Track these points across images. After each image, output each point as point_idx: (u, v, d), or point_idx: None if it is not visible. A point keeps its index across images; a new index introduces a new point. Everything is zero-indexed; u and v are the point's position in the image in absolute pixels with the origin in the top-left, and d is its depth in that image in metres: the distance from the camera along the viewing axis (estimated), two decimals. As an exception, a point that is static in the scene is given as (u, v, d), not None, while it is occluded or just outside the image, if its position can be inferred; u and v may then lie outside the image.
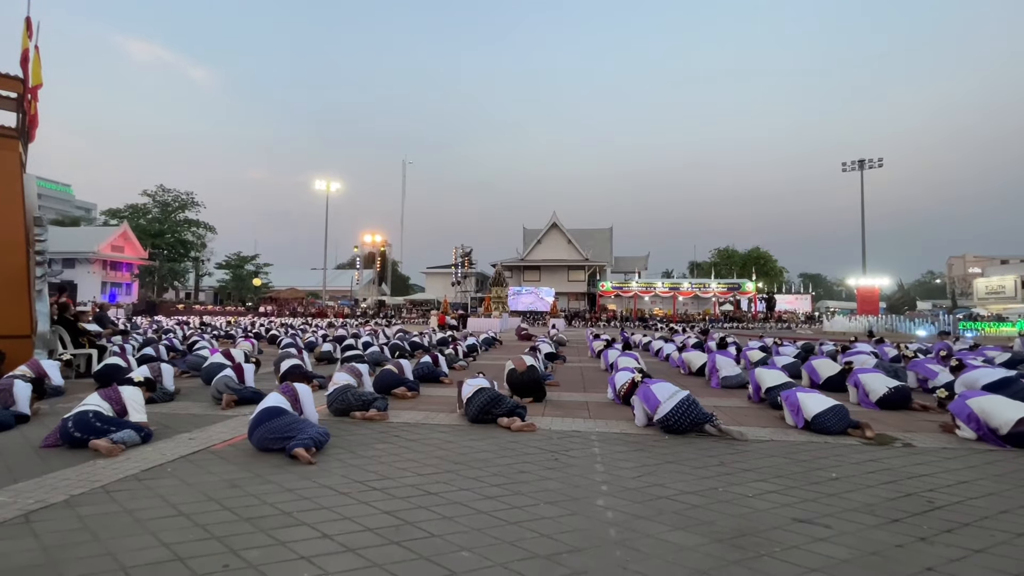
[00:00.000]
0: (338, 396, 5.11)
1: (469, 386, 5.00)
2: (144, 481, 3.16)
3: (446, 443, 4.21)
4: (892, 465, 3.73)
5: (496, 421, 4.75)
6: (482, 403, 4.75)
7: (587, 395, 6.83)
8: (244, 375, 6.01)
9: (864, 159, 45.87)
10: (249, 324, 24.50)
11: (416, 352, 12.28)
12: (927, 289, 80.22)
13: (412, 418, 5.16)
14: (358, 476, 3.31)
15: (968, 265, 72.74)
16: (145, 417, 4.27)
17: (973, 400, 4.45)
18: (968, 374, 6.03)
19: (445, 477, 3.32)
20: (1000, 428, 4.20)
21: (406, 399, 6.18)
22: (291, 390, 4.22)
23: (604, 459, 3.80)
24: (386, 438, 4.36)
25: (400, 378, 6.45)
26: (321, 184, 50.09)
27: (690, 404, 4.48)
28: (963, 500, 3.01)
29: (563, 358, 11.47)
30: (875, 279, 42.37)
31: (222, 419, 5.03)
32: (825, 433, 4.55)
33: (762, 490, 3.15)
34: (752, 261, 59.48)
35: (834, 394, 6.39)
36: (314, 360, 10.58)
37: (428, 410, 5.56)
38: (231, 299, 56.37)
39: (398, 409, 5.55)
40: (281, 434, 3.75)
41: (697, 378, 8.53)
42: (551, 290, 50.66)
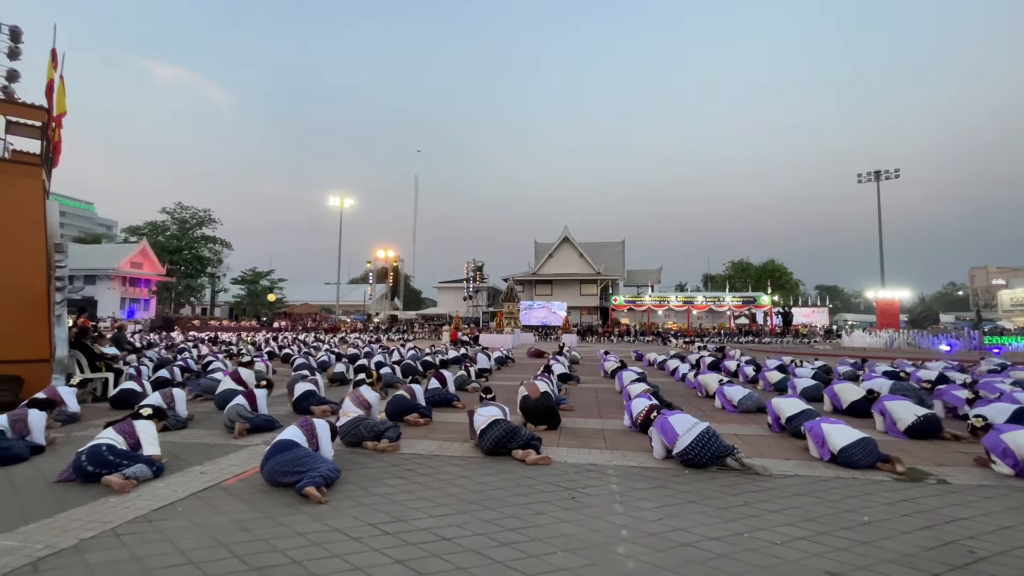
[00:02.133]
0: (350, 429, 5.05)
1: (482, 416, 4.91)
2: (154, 523, 3.11)
3: (459, 478, 4.11)
4: (927, 506, 3.55)
5: (511, 453, 4.65)
6: (497, 436, 4.65)
7: (603, 421, 6.68)
8: (256, 402, 5.99)
9: (880, 170, 45.31)
10: (264, 341, 24.68)
11: (428, 372, 12.24)
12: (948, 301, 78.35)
13: (425, 448, 5.08)
14: (370, 517, 3.23)
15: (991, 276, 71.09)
16: (158, 450, 4.25)
17: (1008, 435, 4.25)
18: (982, 408, 5.81)
19: (459, 519, 3.23)
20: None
21: (419, 426, 6.10)
22: (309, 425, 4.17)
23: (623, 498, 3.68)
24: (399, 472, 4.28)
25: (413, 404, 6.38)
26: (335, 200, 50.75)
27: (710, 437, 4.34)
28: (1008, 550, 2.84)
29: (577, 378, 11.32)
30: (895, 291, 41.54)
31: (234, 449, 5.00)
32: (853, 467, 4.37)
33: (790, 536, 3.01)
34: (767, 274, 58.74)
35: (858, 420, 6.22)
36: (327, 381, 10.58)
37: (441, 439, 5.47)
38: (246, 314, 57.02)
39: (411, 438, 5.46)
40: (292, 468, 3.70)
41: (714, 400, 8.33)
42: (563, 304, 50.43)
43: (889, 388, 7.71)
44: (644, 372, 10.12)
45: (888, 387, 7.80)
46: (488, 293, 61.46)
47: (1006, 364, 12.37)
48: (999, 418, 5.35)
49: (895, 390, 7.53)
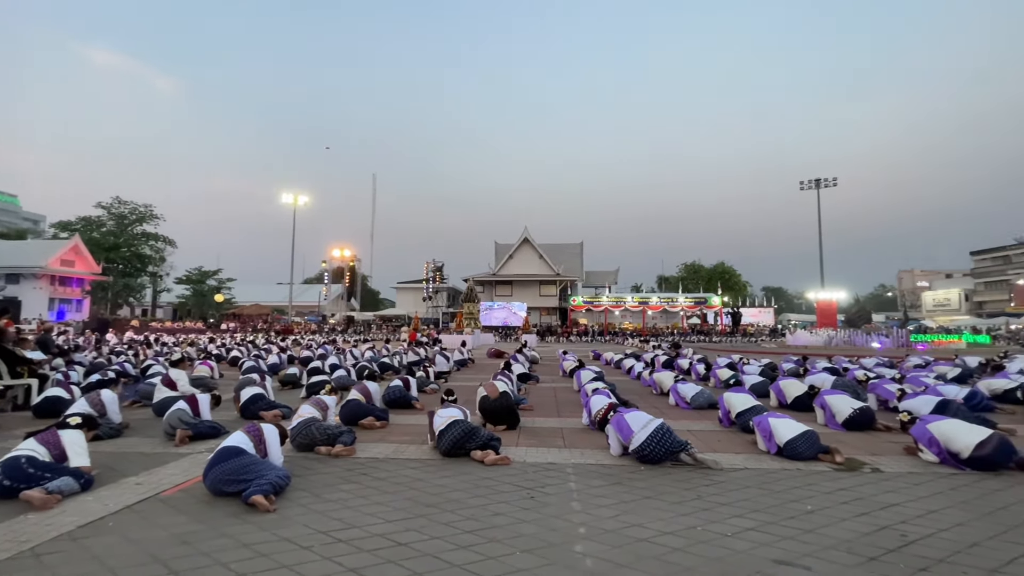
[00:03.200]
0: (301, 430, 4.86)
1: (441, 417, 4.83)
2: (80, 540, 2.87)
3: (416, 481, 4.03)
4: (863, 493, 3.77)
5: (469, 454, 4.59)
6: (456, 437, 4.59)
7: (561, 420, 6.73)
8: (199, 407, 5.66)
9: (820, 178, 48.03)
10: (208, 341, 23.46)
11: (386, 373, 11.98)
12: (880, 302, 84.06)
13: (381, 452, 4.95)
14: (322, 525, 3.10)
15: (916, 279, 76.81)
16: (88, 461, 3.93)
17: (934, 424, 4.58)
18: (909, 401, 6.26)
19: (416, 523, 3.15)
20: (961, 452, 4.32)
21: (375, 429, 5.94)
22: (257, 430, 3.97)
23: (581, 495, 3.70)
24: (353, 477, 4.15)
25: (368, 408, 6.21)
26: (288, 197, 48.95)
27: (664, 433, 4.44)
28: (934, 532, 3.04)
29: (536, 378, 11.37)
30: (833, 293, 44.12)
31: (175, 458, 4.70)
32: (797, 459, 4.58)
33: (740, 527, 3.11)
34: (718, 276, 61.13)
35: (801, 414, 6.54)
36: (278, 384, 10.16)
37: (398, 442, 5.35)
38: (191, 316, 54.11)
39: (366, 442, 5.31)
40: (238, 476, 3.51)
41: (668, 398, 8.56)
42: (523, 305, 50.70)
43: (832, 383, 8.15)
44: (601, 371, 10.28)
45: (831, 382, 8.25)
46: (448, 294, 60.96)
47: (930, 360, 13.37)
48: (924, 410, 5.76)
49: (837, 385, 7.97)
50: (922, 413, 5.31)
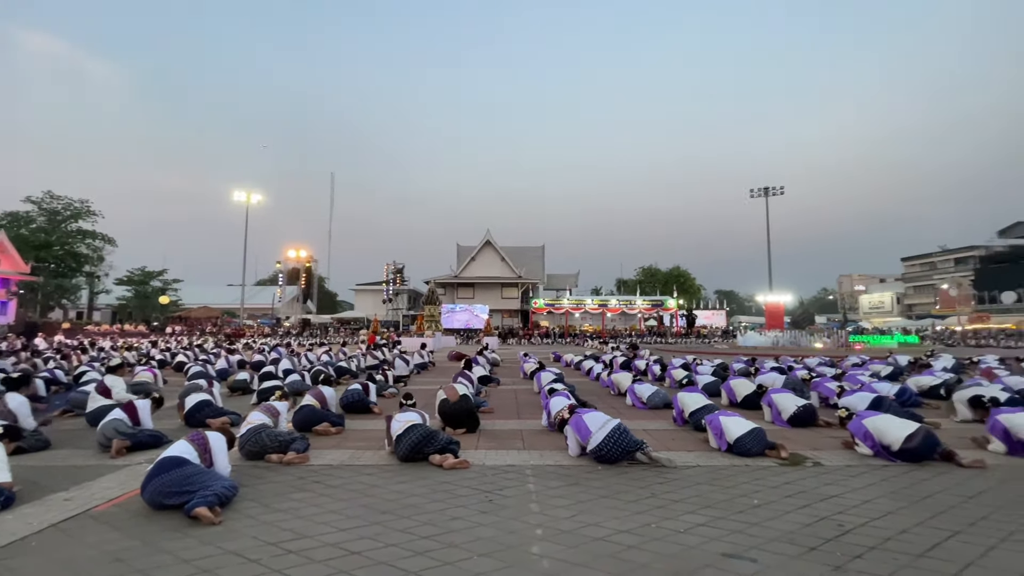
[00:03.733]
0: (251, 437, 4.66)
1: (399, 422, 4.75)
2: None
3: (372, 488, 3.94)
4: (806, 487, 3.96)
5: (428, 459, 4.54)
6: (413, 442, 4.52)
7: (521, 422, 6.75)
8: (139, 415, 5.34)
9: (769, 187, 50.35)
10: (150, 345, 22.17)
11: (343, 378, 11.67)
12: (822, 305, 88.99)
13: (336, 459, 4.81)
14: (271, 536, 2.98)
15: (854, 283, 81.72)
16: (8, 476, 3.63)
17: (868, 420, 4.88)
18: (847, 398, 6.67)
19: (371, 531, 3.08)
20: (892, 445, 4.62)
21: (330, 435, 5.77)
22: (201, 438, 3.77)
23: (539, 497, 3.72)
24: (306, 485, 4.01)
25: (323, 413, 6.03)
26: (241, 195, 46.96)
27: (621, 433, 4.53)
28: (868, 521, 3.23)
29: (497, 380, 11.36)
30: (780, 296, 46.34)
31: (110, 470, 4.41)
32: (746, 455, 4.78)
33: (692, 523, 3.20)
34: (674, 279, 63.07)
35: (750, 412, 6.83)
36: (227, 390, 9.72)
37: (354, 448, 5.22)
38: (132, 318, 51.01)
39: (321, 448, 5.16)
40: (180, 488, 3.33)
41: (626, 398, 8.74)
42: (485, 307, 50.64)
43: (783, 382, 8.53)
44: (561, 373, 10.38)
45: (781, 381, 8.64)
46: (409, 296, 60.15)
47: (866, 359, 14.24)
48: (860, 406, 6.12)
49: (784, 384, 8.36)
50: (858, 409, 5.64)
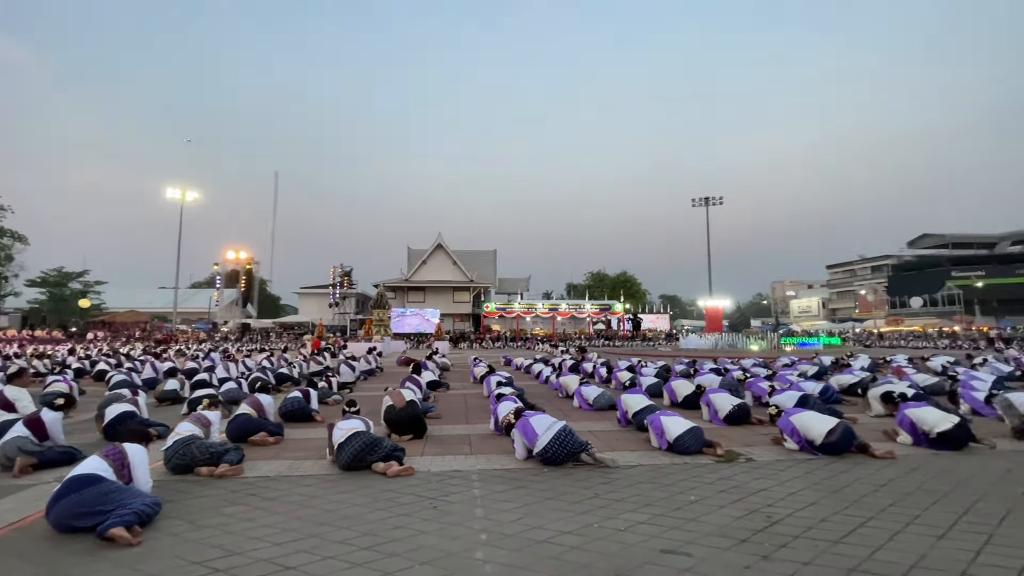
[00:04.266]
0: (178, 450, 4.36)
1: (341, 430, 4.59)
2: None
3: (311, 499, 3.78)
4: (739, 481, 4.17)
5: (371, 467, 4.41)
6: (356, 450, 4.39)
7: (470, 427, 6.72)
8: (47, 428, 4.87)
9: (709, 197, 52.92)
10: (67, 353, 20.34)
11: (284, 385, 11.18)
12: (757, 309, 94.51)
13: (273, 470, 4.59)
14: (197, 555, 2.80)
15: (786, 289, 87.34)
16: None
17: (795, 417, 5.21)
18: (777, 397, 7.11)
19: (308, 544, 2.96)
20: (815, 440, 4.95)
21: (267, 446, 5.50)
22: (118, 453, 3.48)
23: (484, 501, 3.71)
24: (239, 498, 3.80)
25: (260, 423, 5.74)
26: (175, 192, 44.05)
27: (566, 435, 4.59)
28: (793, 512, 3.44)
29: (446, 385, 11.26)
30: (719, 300, 48.74)
31: (13, 490, 3.99)
32: (685, 453, 4.97)
33: (633, 521, 3.29)
34: (621, 284, 64.94)
35: (690, 412, 7.12)
36: (154, 401, 9.07)
37: (293, 458, 5.00)
38: (47, 323, 46.64)
39: (257, 459, 4.90)
40: (93, 507, 3.06)
41: (573, 400, 8.89)
42: (436, 311, 50.08)
43: (720, 383, 8.96)
44: (511, 376, 10.43)
45: (719, 382, 9.07)
46: (357, 300, 58.55)
47: (795, 359, 15.21)
48: (789, 404, 6.53)
49: (723, 384, 8.78)
50: (787, 407, 6.01)
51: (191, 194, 44.65)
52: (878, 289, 65.20)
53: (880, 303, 62.35)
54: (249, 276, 57.85)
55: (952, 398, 7.57)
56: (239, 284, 57.49)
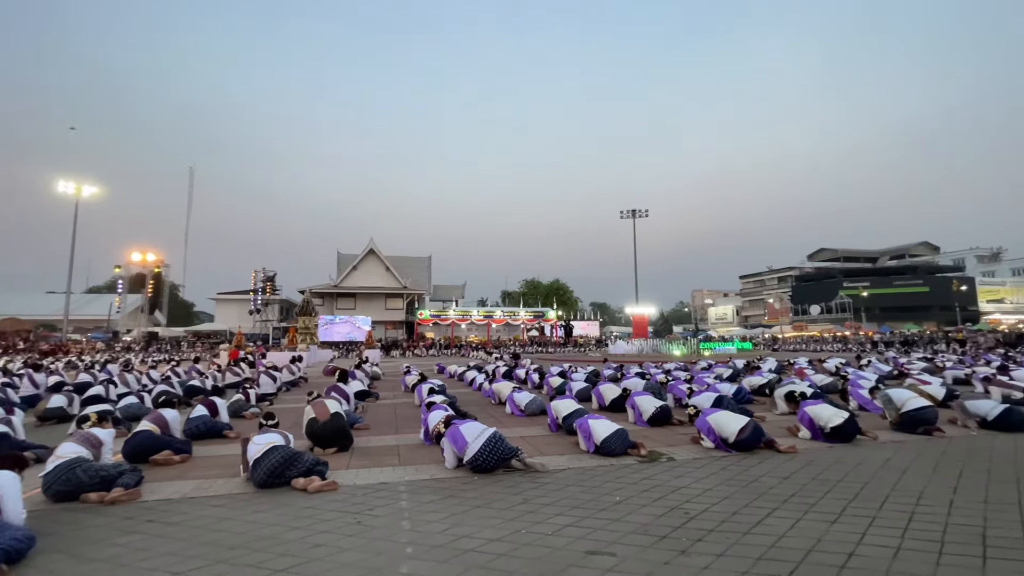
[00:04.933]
0: (60, 475, 3.87)
1: (257, 444, 4.29)
2: None
3: (221, 521, 3.49)
4: (660, 480, 4.36)
5: (291, 483, 4.15)
6: (273, 465, 4.11)
7: (399, 437, 6.53)
8: None
9: (636, 209, 55.52)
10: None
11: (195, 399, 10.29)
12: (679, 316, 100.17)
13: (177, 491, 4.19)
14: (80, 592, 2.48)
15: (704, 297, 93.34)
16: None
17: (711, 416, 5.54)
18: (695, 398, 7.58)
19: (215, 570, 2.72)
20: (728, 438, 5.29)
21: (172, 465, 5.02)
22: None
23: (411, 513, 3.60)
24: (135, 526, 3.43)
25: (163, 440, 5.23)
26: (68, 186, 39.37)
27: (497, 441, 4.59)
28: (709, 507, 3.64)
29: (376, 395, 10.89)
30: (645, 308, 51.14)
31: None
32: (611, 456, 5.13)
33: (560, 524, 3.33)
34: (554, 291, 66.38)
35: (616, 415, 7.38)
36: (36, 421, 8.02)
37: (202, 477, 4.60)
38: None
39: (159, 481, 4.46)
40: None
41: (506, 407, 8.92)
42: (367, 319, 48.49)
43: (644, 386, 9.35)
44: (444, 384, 10.29)
45: (643, 385, 9.46)
46: (281, 307, 55.43)
47: (712, 363, 16.23)
48: (706, 404, 6.94)
49: (647, 387, 9.17)
50: (704, 408, 6.39)
51: (88, 189, 40.19)
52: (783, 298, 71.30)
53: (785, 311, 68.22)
54: (157, 280, 52.97)
55: (843, 396, 8.42)
56: (145, 289, 52.43)
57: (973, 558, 2.72)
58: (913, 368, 13.60)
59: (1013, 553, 2.78)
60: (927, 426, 6.01)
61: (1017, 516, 3.35)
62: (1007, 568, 2.60)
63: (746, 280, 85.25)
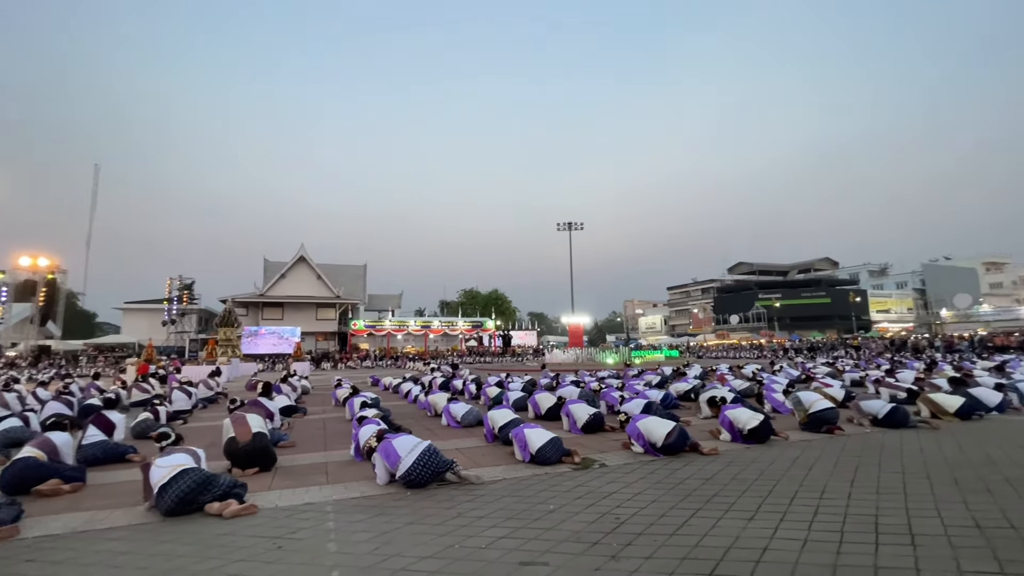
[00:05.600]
0: (-84, 514, 3.32)
1: (163, 468, 3.91)
2: None
3: (118, 556, 3.14)
4: (592, 487, 4.44)
5: (204, 509, 3.82)
6: (183, 491, 3.75)
7: (327, 454, 6.21)
8: None
9: (572, 221, 57.07)
10: None
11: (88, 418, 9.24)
12: (612, 325, 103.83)
13: (65, 525, 3.72)
14: (-67, 651, 2.13)
15: (636, 307, 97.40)
16: None
17: (641, 422, 5.75)
18: (626, 405, 7.86)
19: (107, 613, 2.43)
20: (657, 442, 5.51)
21: (60, 496, 4.46)
22: None
23: (339, 534, 3.42)
24: (11, 567, 3.00)
25: (51, 468, 4.64)
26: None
27: (431, 455, 4.49)
28: (638, 511, 3.75)
29: (303, 410, 10.34)
30: (580, 318, 52.50)
31: None
32: (546, 464, 5.17)
33: (495, 536, 3.30)
34: (492, 301, 66.54)
35: (552, 423, 7.47)
36: None
37: (97, 508, 4.12)
38: None
39: (44, 515, 3.94)
40: None
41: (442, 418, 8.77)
42: (296, 329, 46.13)
43: (578, 394, 9.54)
44: (378, 397, 9.96)
45: (577, 393, 9.65)
46: (200, 317, 51.52)
47: (643, 370, 16.90)
48: (636, 411, 7.20)
49: (581, 395, 9.37)
50: (634, 414, 6.62)
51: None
52: (706, 308, 75.92)
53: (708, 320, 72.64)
54: (51, 287, 47.35)
55: (759, 399, 9.05)
56: (36, 297, 46.71)
57: (867, 544, 2.99)
58: (818, 372, 14.89)
59: (900, 539, 3.08)
60: (829, 425, 6.58)
61: (903, 504, 3.73)
62: (895, 552, 2.88)
63: (673, 291, 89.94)
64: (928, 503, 3.73)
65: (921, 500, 3.80)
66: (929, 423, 6.89)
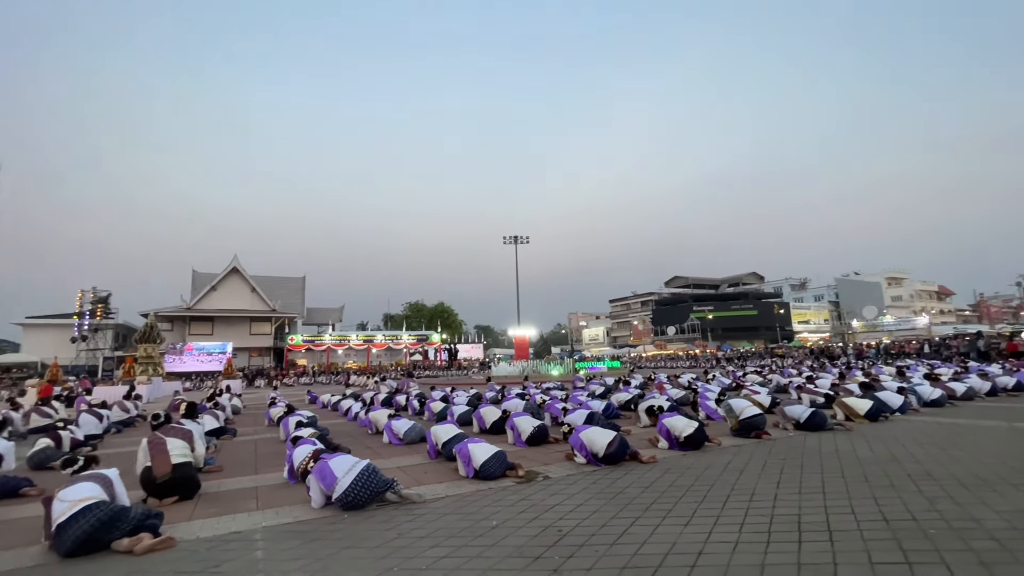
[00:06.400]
0: None
1: (65, 501, 3.51)
2: None
3: (5, 605, 2.78)
4: (536, 500, 4.44)
5: (110, 546, 3.46)
6: (89, 528, 3.38)
7: (258, 478, 5.84)
8: None
9: (518, 235, 57.73)
10: None
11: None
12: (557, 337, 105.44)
13: (-61, 573, 3.25)
14: None
15: (579, 319, 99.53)
16: None
17: (583, 433, 5.84)
18: (570, 416, 7.98)
19: (-13, 672, 2.13)
20: (598, 452, 5.61)
21: (-66, 539, 3.90)
22: None
23: (268, 564, 3.21)
24: None
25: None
26: None
27: (370, 474, 4.32)
28: (580, 522, 3.78)
29: (233, 432, 9.68)
30: (527, 330, 52.90)
31: None
32: (490, 479, 5.11)
33: (435, 557, 3.21)
34: (438, 314, 65.73)
35: (497, 437, 7.43)
36: None
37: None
38: None
39: (-90, 562, 3.42)
40: None
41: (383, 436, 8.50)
42: (227, 344, 43.40)
43: (522, 407, 9.55)
44: (315, 416, 9.51)
45: (522, 406, 9.66)
46: (117, 333, 47.37)
47: (585, 381, 17.22)
48: (578, 422, 7.29)
49: (526, 408, 9.38)
50: (577, 425, 6.71)
51: None
52: (645, 320, 78.83)
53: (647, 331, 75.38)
54: (-68, 301, 41.88)
55: (694, 407, 9.44)
56: (-88, 312, 41.16)
57: (791, 543, 3.17)
58: (747, 380, 15.79)
59: (820, 536, 3.29)
60: (758, 430, 6.97)
61: (822, 502, 4.00)
62: (816, 548, 3.07)
63: (615, 304, 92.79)
64: (843, 500, 4.02)
65: (838, 498, 4.09)
66: (844, 425, 7.46)
